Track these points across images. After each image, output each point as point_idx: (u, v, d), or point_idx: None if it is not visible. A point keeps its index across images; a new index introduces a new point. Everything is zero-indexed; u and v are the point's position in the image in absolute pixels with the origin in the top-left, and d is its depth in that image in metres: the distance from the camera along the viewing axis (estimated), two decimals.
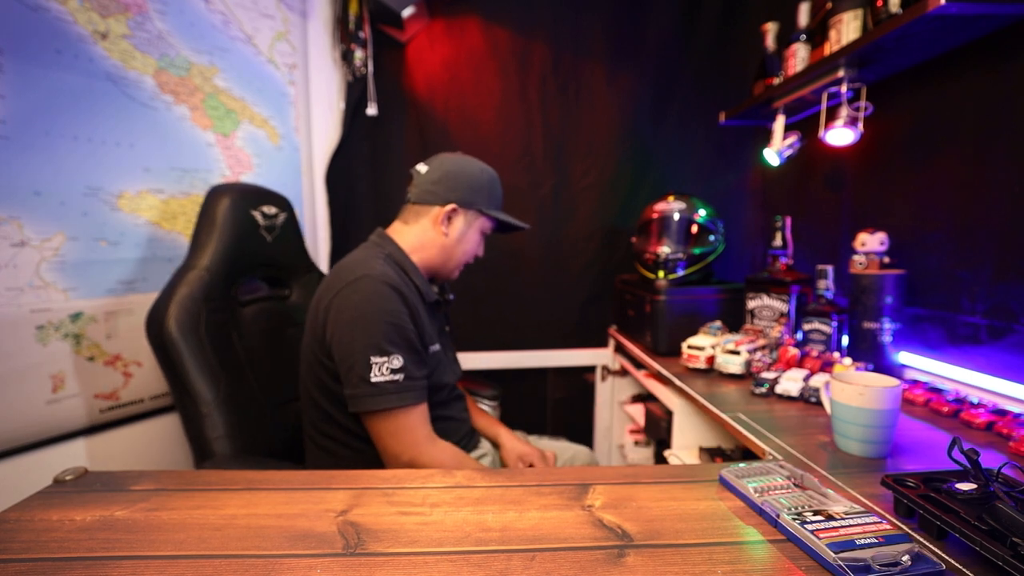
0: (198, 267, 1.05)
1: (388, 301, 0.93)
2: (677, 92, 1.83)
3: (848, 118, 1.18)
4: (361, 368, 0.89)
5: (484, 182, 1.09)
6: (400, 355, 0.91)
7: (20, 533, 0.53)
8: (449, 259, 1.09)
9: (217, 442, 0.97)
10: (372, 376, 0.89)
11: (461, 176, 1.07)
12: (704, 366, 1.23)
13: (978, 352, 1.00)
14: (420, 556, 0.50)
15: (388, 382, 0.90)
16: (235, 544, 0.52)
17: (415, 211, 1.07)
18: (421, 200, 1.06)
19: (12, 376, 1.02)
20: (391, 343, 0.91)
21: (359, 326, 0.92)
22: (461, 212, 1.07)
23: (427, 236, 1.06)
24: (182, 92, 1.27)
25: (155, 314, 1.00)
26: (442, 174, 1.06)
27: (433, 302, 1.08)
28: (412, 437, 0.92)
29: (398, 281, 0.97)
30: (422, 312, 1.00)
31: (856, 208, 1.34)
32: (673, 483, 0.66)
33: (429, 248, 1.07)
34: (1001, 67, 0.96)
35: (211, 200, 1.11)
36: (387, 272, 0.97)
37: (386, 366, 0.90)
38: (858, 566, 0.45)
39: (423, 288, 1.04)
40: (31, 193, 1.03)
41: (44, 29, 1.03)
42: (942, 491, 0.54)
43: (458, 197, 1.06)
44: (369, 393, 0.89)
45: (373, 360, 0.89)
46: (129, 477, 0.66)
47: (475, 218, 1.09)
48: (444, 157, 1.10)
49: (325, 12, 1.61)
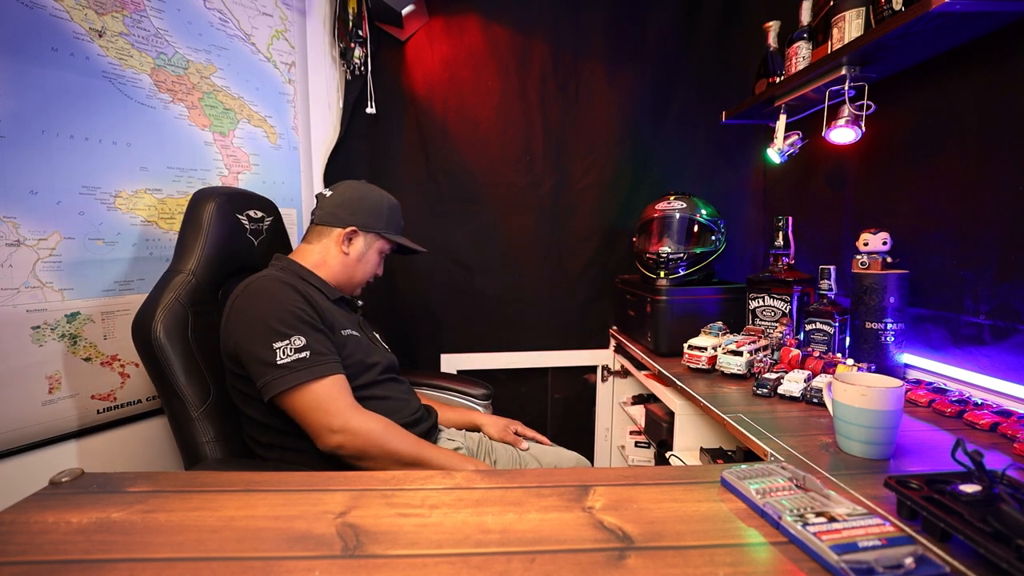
0: (184, 271, 1.05)
1: (279, 293, 0.97)
2: (678, 91, 1.82)
3: (850, 117, 1.17)
4: (266, 356, 0.91)
5: (384, 208, 1.17)
6: (301, 336, 0.93)
7: (16, 535, 0.53)
8: (351, 276, 1.16)
9: (207, 446, 0.97)
10: (278, 359, 0.91)
11: (363, 202, 1.15)
12: (705, 367, 1.23)
13: (981, 353, 1.00)
14: (419, 558, 0.50)
15: (295, 360, 0.91)
16: (233, 546, 0.51)
17: (318, 232, 1.14)
18: (324, 221, 1.13)
19: (8, 377, 1.01)
20: (289, 327, 0.94)
21: (256, 321, 0.94)
22: (361, 234, 1.14)
23: (329, 254, 1.13)
24: (179, 91, 1.26)
25: (141, 319, 1.00)
26: (344, 199, 1.14)
27: (338, 299, 1.12)
28: (335, 405, 0.92)
29: (289, 279, 1.02)
30: (324, 303, 1.05)
31: (858, 207, 1.33)
32: (674, 484, 0.65)
33: (332, 265, 1.13)
34: (1004, 65, 0.96)
35: (196, 204, 1.11)
36: (276, 275, 1.02)
37: (289, 347, 0.92)
38: (861, 568, 0.45)
39: (323, 287, 1.09)
40: (27, 192, 1.02)
41: (40, 26, 1.03)
42: (946, 493, 0.54)
43: (358, 220, 1.13)
44: (280, 375, 0.90)
45: (275, 345, 0.91)
46: (126, 479, 0.65)
47: (374, 240, 1.16)
48: (348, 183, 1.18)
49: (324, 10, 1.61)
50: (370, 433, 0.93)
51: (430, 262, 1.74)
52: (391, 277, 1.79)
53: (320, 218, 1.14)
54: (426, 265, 1.75)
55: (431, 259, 1.74)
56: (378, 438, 0.93)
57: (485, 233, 1.80)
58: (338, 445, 0.91)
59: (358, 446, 0.92)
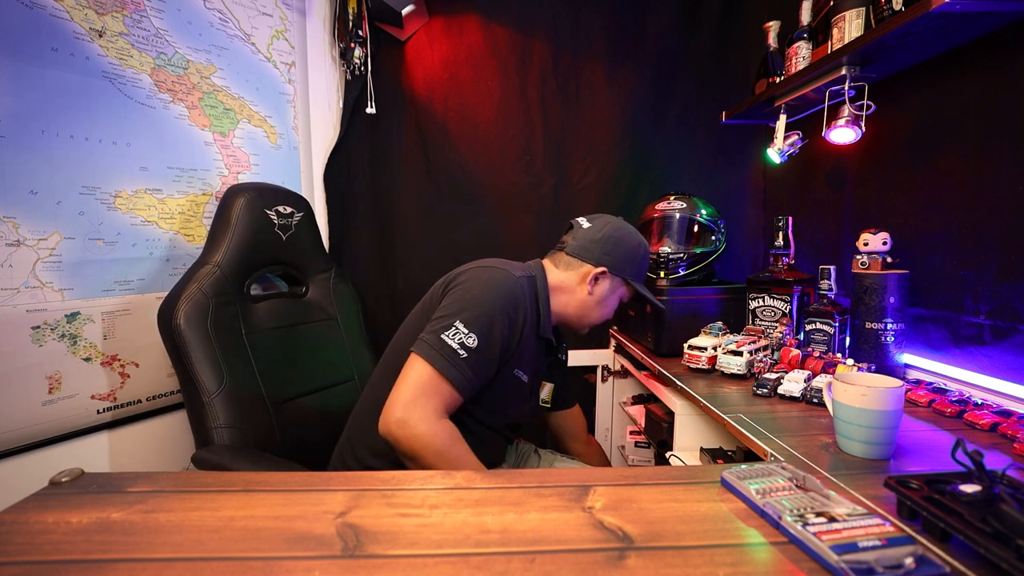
0: (210, 263, 1.10)
1: (506, 298, 0.96)
2: (678, 91, 1.82)
3: (850, 117, 1.17)
4: (443, 324, 0.92)
5: (639, 255, 1.14)
6: (480, 341, 0.92)
7: (15, 535, 0.53)
8: (586, 316, 1.12)
9: (215, 431, 1.01)
10: (445, 335, 0.90)
11: (620, 244, 1.11)
12: (706, 367, 1.23)
13: (982, 353, 1.00)
14: (419, 558, 0.50)
15: (453, 349, 0.90)
16: (233, 546, 0.51)
17: (567, 261, 1.11)
18: (576, 254, 1.10)
19: (8, 377, 1.01)
20: (483, 325, 0.92)
21: (470, 296, 0.95)
22: (609, 276, 1.10)
23: (570, 286, 1.10)
24: (180, 90, 1.26)
25: (166, 307, 1.05)
26: (604, 236, 1.10)
27: (545, 339, 1.09)
28: (426, 397, 0.88)
29: (525, 298, 1.00)
30: (528, 338, 1.02)
31: (858, 207, 1.33)
32: (674, 484, 0.65)
33: (569, 297, 1.10)
34: (1005, 65, 0.96)
35: (227, 199, 1.17)
36: (523, 284, 1.01)
37: (461, 337, 0.91)
38: (861, 568, 0.45)
39: (543, 321, 1.06)
40: (27, 192, 1.02)
41: (40, 26, 1.03)
42: (946, 493, 0.54)
43: (611, 262, 1.09)
44: (432, 343, 0.90)
45: (457, 324, 0.91)
46: (126, 479, 0.65)
47: (619, 285, 1.14)
48: (608, 219, 1.14)
49: (324, 10, 1.61)
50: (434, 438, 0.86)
51: (430, 262, 1.74)
52: (391, 278, 1.79)
53: (573, 249, 1.10)
54: (426, 265, 1.75)
55: (431, 259, 1.74)
56: (436, 448, 0.86)
57: (485, 233, 1.80)
58: (392, 435, 0.86)
59: (412, 448, 0.86)
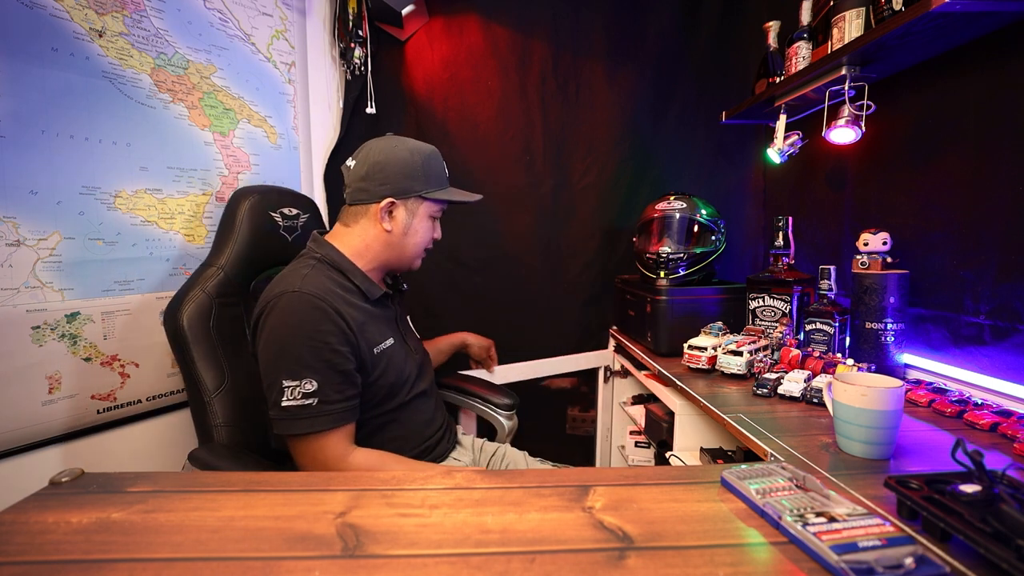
0: (215, 265, 1.12)
1: (307, 320, 0.89)
2: (678, 91, 1.82)
3: (850, 117, 1.17)
4: (275, 392, 0.88)
5: (417, 165, 1.01)
6: (314, 378, 0.87)
7: (15, 535, 0.53)
8: (402, 253, 1.05)
9: (215, 430, 1.02)
10: (283, 400, 0.87)
11: (389, 165, 0.99)
12: (705, 367, 1.23)
13: (981, 353, 1.00)
14: (419, 558, 0.50)
15: (299, 407, 0.87)
16: (233, 546, 0.51)
17: (352, 212, 1.02)
18: (355, 200, 1.01)
19: (7, 377, 1.01)
20: (305, 366, 0.87)
21: (275, 347, 0.90)
22: (399, 204, 1.01)
23: (370, 235, 1.01)
24: (179, 90, 1.26)
25: (171, 308, 1.07)
26: (369, 167, 0.99)
27: (380, 297, 1.04)
28: (323, 457, 0.89)
29: (324, 291, 0.92)
30: (361, 316, 0.96)
31: (858, 207, 1.33)
32: (674, 484, 0.65)
33: (375, 247, 1.02)
34: (1005, 65, 0.96)
35: (232, 202, 1.18)
36: (310, 285, 0.92)
37: (298, 390, 0.87)
38: (861, 568, 0.45)
39: (365, 287, 1.00)
40: (27, 192, 1.02)
41: (40, 26, 1.03)
42: (946, 493, 0.54)
43: (391, 189, 0.99)
44: (280, 417, 0.88)
45: (285, 384, 0.87)
46: (126, 479, 0.65)
47: (417, 205, 1.03)
48: (370, 146, 1.02)
49: (324, 10, 1.61)
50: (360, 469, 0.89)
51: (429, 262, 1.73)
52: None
53: (350, 196, 1.01)
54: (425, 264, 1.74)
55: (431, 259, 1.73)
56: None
57: (485, 233, 1.80)
58: None
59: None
